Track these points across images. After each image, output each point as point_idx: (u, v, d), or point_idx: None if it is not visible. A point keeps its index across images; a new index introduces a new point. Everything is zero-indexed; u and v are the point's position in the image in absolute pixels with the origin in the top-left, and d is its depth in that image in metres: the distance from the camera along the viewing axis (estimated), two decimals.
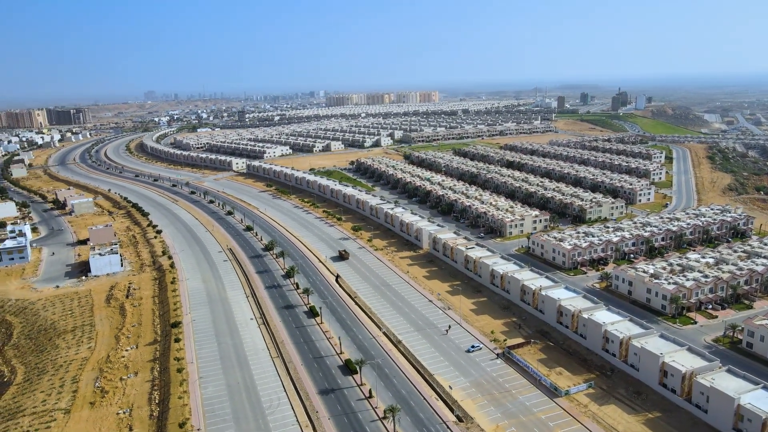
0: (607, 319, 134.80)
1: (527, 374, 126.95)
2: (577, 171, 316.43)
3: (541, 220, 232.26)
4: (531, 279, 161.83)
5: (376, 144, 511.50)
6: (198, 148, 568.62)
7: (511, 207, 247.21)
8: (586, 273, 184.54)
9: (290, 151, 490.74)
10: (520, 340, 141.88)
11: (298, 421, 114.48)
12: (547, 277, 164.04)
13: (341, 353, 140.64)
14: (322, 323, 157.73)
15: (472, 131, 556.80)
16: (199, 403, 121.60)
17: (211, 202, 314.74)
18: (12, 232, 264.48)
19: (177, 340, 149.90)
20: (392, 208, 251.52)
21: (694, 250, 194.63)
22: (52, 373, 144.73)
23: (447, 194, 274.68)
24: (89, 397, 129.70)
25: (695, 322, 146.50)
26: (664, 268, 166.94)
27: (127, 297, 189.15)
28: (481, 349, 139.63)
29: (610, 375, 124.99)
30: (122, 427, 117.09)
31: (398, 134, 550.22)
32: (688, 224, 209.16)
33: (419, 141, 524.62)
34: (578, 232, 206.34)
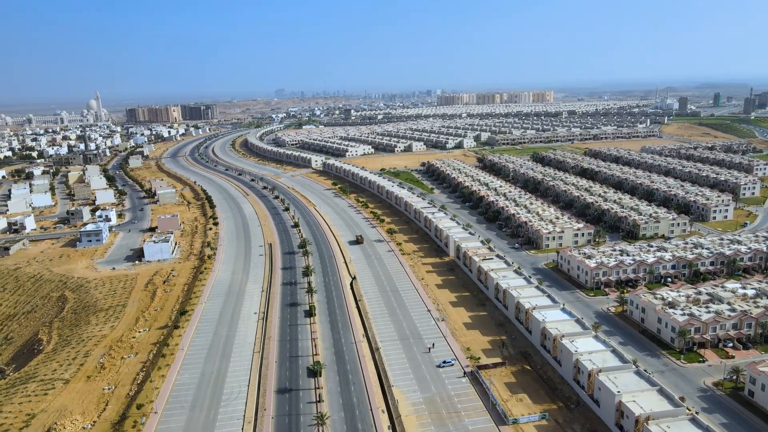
0: (588, 347, 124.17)
1: (486, 397, 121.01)
2: (651, 182, 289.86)
3: (583, 234, 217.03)
4: (529, 297, 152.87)
5: (459, 146, 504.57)
6: (292, 144, 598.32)
7: (557, 218, 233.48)
8: (608, 294, 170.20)
9: (372, 150, 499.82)
10: (498, 360, 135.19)
11: (244, 416, 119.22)
12: (549, 297, 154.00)
13: (316, 354, 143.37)
14: (314, 323, 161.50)
15: (564, 135, 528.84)
16: (169, 389, 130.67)
17: (276, 197, 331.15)
18: (100, 216, 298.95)
19: (176, 327, 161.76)
20: (433, 213, 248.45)
21: (747, 279, 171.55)
22: (73, 346, 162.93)
23: (497, 200, 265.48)
24: (90, 371, 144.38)
25: (703, 361, 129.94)
26: (688, 297, 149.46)
27: (164, 283, 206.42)
28: (453, 365, 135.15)
29: (573, 408, 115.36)
30: (101, 402, 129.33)
31: (484, 136, 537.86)
32: (749, 248, 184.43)
33: (504, 143, 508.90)
34: (614, 250, 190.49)
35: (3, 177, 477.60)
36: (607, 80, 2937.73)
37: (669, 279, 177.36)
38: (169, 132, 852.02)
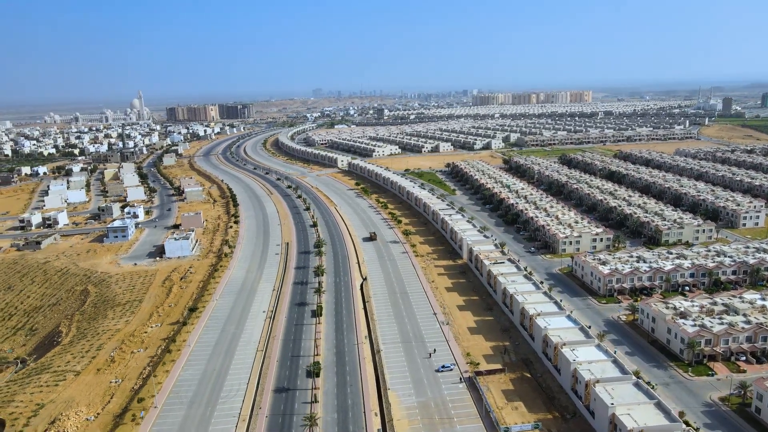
0: (588, 357, 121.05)
1: (480, 404, 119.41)
2: (680, 186, 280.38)
3: (602, 239, 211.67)
4: (534, 303, 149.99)
5: (486, 147, 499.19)
6: (322, 144, 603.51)
7: (576, 222, 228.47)
8: (620, 302, 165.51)
9: (399, 150, 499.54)
10: (498, 366, 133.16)
11: (239, 414, 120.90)
12: (556, 303, 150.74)
13: (317, 355, 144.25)
14: (319, 323, 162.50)
15: (596, 136, 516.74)
16: (171, 384, 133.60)
17: (299, 197, 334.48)
18: (128, 213, 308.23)
19: (184, 324, 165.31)
20: (450, 215, 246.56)
21: None
22: (88, 339, 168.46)
23: (516, 203, 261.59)
24: (100, 364, 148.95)
25: (712, 374, 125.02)
26: (702, 307, 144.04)
27: (181, 279, 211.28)
28: (452, 370, 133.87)
29: (569, 419, 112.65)
30: (106, 395, 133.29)
31: (514, 137, 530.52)
32: None
33: (533, 145, 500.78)
34: (631, 256, 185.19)
35: (44, 173, 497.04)
36: (653, 80, 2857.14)
37: (687, 288, 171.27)
38: (205, 131, 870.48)
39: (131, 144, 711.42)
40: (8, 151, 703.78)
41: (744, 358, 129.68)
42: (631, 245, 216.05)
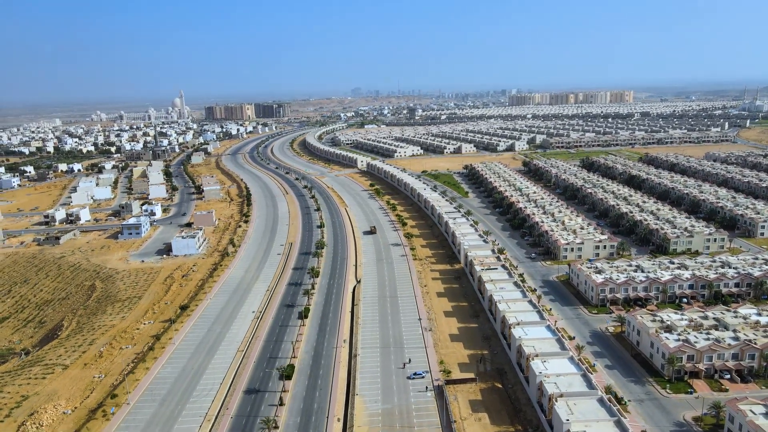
0: (557, 369, 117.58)
1: (445, 413, 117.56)
2: (700, 192, 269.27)
3: (605, 246, 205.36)
4: (517, 311, 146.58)
5: (510, 148, 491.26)
6: (347, 144, 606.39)
7: (582, 228, 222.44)
8: (612, 313, 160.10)
9: (421, 151, 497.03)
10: (470, 375, 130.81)
11: (206, 413, 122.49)
12: (539, 312, 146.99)
13: (293, 357, 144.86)
14: (303, 325, 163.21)
15: (625, 138, 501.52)
16: (148, 381, 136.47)
17: (312, 197, 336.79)
18: (145, 211, 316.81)
19: (172, 321, 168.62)
20: (454, 218, 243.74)
21: None
22: (83, 334, 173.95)
23: (525, 207, 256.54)
24: (88, 359, 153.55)
25: (691, 392, 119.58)
26: (690, 320, 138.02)
27: (183, 277, 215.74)
28: (423, 377, 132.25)
29: None
30: (87, 389, 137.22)
31: (539, 139, 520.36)
32: None
33: (558, 147, 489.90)
34: (629, 265, 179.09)
35: (79, 170, 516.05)
36: (705, 79, 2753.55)
37: (685, 300, 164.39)
38: (238, 130, 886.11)
39: (165, 142, 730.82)
40: (51, 148, 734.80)
41: (728, 376, 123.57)
42: (638, 253, 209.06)
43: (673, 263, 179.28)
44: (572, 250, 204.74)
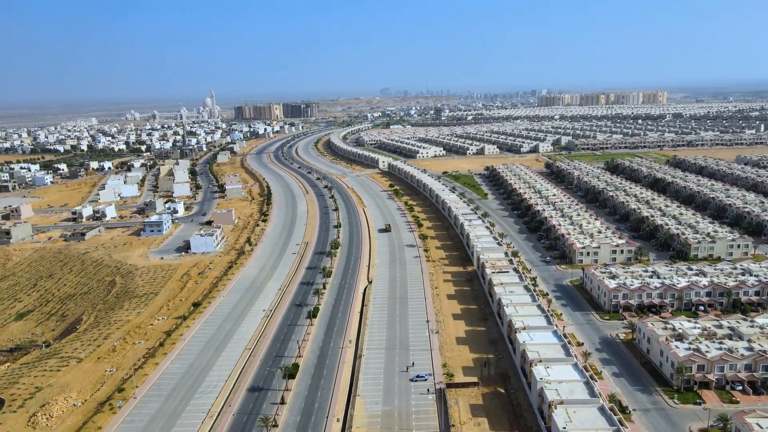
0: (560, 376, 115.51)
1: (444, 417, 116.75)
2: (727, 197, 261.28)
3: (623, 251, 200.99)
4: (524, 315, 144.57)
5: (534, 150, 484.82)
6: (371, 144, 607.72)
7: (599, 231, 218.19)
8: (624, 319, 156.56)
9: (444, 152, 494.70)
10: (473, 380, 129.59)
11: (209, 410, 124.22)
12: (546, 317, 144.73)
13: (299, 356, 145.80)
14: (311, 324, 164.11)
15: (654, 140, 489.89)
16: (156, 377, 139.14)
17: (332, 197, 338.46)
18: (168, 208, 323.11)
19: (184, 318, 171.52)
20: (470, 220, 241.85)
21: None
22: (99, 328, 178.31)
23: (542, 210, 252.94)
24: (102, 353, 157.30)
25: (699, 403, 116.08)
26: (704, 329, 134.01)
27: (199, 274, 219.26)
28: (426, 380, 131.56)
29: None
30: (99, 383, 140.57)
31: (564, 140, 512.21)
32: None
33: (583, 149, 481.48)
34: (645, 271, 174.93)
35: (109, 168, 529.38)
36: (745, 79, 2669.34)
37: (702, 308, 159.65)
38: (265, 129, 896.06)
39: (193, 141, 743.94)
40: (84, 146, 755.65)
41: (740, 387, 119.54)
42: (657, 259, 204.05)
43: (691, 269, 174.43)
44: (588, 254, 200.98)
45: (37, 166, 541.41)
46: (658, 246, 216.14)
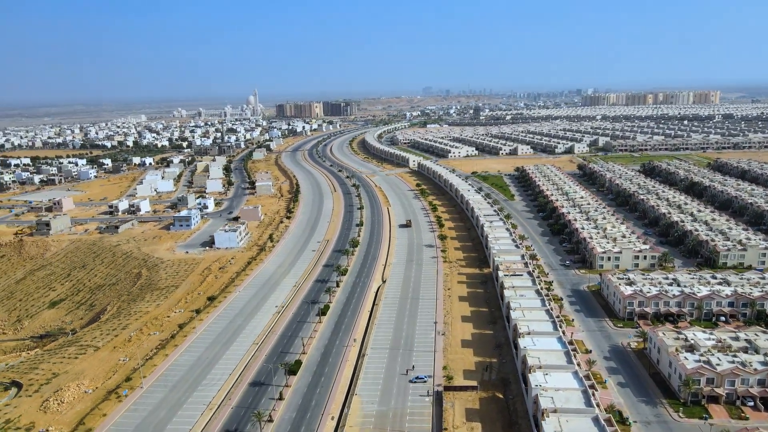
0: (558, 384, 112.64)
1: (438, 419, 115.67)
2: (767, 202, 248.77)
3: (645, 256, 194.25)
4: (530, 320, 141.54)
5: (569, 151, 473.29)
6: (404, 143, 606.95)
7: (623, 236, 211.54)
8: (638, 327, 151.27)
9: (476, 152, 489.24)
10: (473, 383, 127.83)
11: (210, 402, 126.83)
12: (553, 323, 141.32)
13: (303, 353, 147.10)
14: (320, 322, 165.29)
15: (697, 142, 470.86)
16: (164, 368, 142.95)
17: (358, 195, 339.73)
18: (198, 204, 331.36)
19: (197, 312, 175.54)
20: (491, 221, 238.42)
21: None
22: (119, 319, 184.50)
23: (567, 212, 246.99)
24: (118, 343, 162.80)
25: (706, 418, 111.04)
26: (719, 341, 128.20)
27: (219, 269, 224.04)
28: (425, 381, 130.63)
29: None
30: (111, 371, 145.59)
31: (602, 141, 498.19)
32: None
33: (621, 150, 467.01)
34: (665, 278, 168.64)
35: (150, 164, 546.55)
36: None
37: (723, 318, 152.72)
38: (303, 127, 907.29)
39: (233, 138, 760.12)
40: (130, 142, 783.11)
41: (752, 403, 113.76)
42: (684, 266, 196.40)
43: (715, 278, 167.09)
44: (609, 259, 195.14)
45: (84, 161, 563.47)
46: (686, 253, 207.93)
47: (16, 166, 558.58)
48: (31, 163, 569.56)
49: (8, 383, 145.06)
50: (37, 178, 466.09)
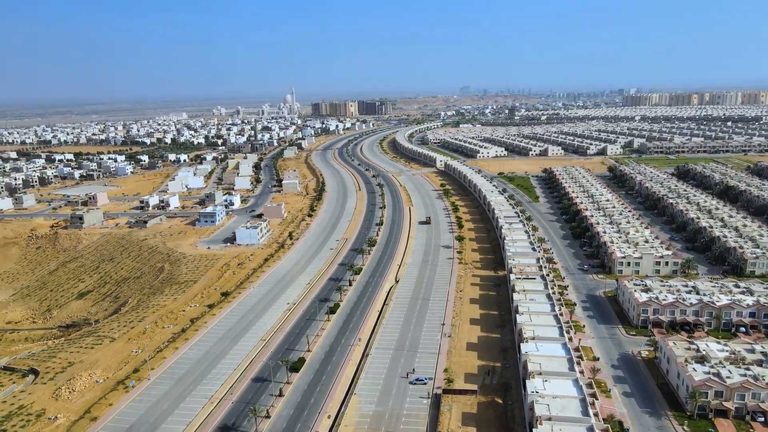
0: (556, 391, 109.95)
1: (434, 423, 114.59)
2: None
3: (667, 262, 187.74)
4: (536, 325, 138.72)
5: (601, 152, 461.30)
6: (434, 143, 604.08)
7: (646, 241, 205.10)
8: (652, 336, 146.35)
9: (505, 152, 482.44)
10: (473, 387, 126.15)
11: (212, 396, 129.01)
12: (560, 328, 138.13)
13: (307, 351, 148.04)
14: (328, 320, 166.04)
15: (738, 144, 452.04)
16: (173, 361, 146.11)
17: (382, 195, 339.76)
18: (225, 200, 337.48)
19: (210, 307, 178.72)
20: (511, 223, 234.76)
21: None
22: (138, 311, 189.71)
23: (589, 216, 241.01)
24: (133, 335, 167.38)
25: None
26: (734, 353, 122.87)
27: (238, 265, 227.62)
28: (425, 384, 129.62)
29: None
30: (123, 362, 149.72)
31: (637, 142, 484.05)
32: None
33: (656, 152, 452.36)
34: (685, 285, 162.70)
35: (183, 161, 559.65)
36: None
37: (743, 329, 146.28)
38: (336, 126, 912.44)
39: (266, 137, 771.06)
40: (168, 140, 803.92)
41: (762, 419, 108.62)
42: (709, 273, 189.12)
43: (738, 287, 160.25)
44: (629, 264, 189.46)
45: (123, 157, 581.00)
46: (713, 260, 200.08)
47: (60, 161, 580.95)
48: (73, 159, 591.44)
49: (26, 370, 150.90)
50: (77, 173, 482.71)
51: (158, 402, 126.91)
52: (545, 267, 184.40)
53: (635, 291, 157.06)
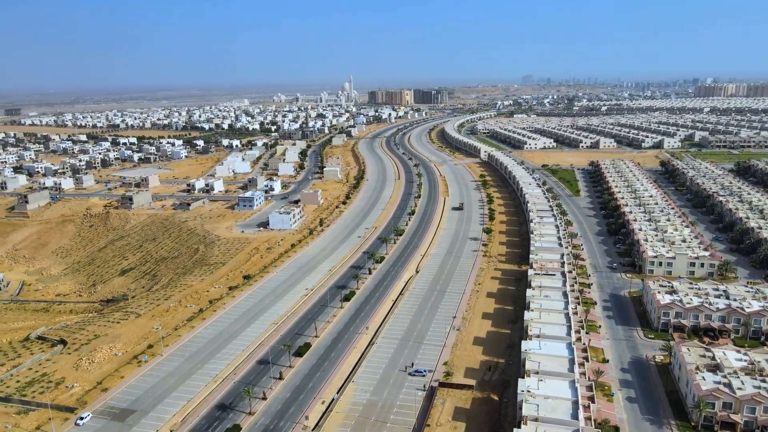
0: (550, 392, 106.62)
1: (424, 415, 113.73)
2: None
3: (703, 264, 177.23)
4: (544, 323, 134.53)
5: (658, 145, 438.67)
6: (483, 133, 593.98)
7: (684, 240, 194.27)
8: (672, 340, 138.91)
9: (554, 144, 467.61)
10: (470, 382, 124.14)
11: (217, 375, 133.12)
12: (568, 327, 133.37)
13: (315, 336, 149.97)
14: (341, 308, 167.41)
15: None
16: (187, 339, 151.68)
17: (420, 184, 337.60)
18: (266, 186, 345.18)
19: (231, 288, 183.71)
20: (542, 216, 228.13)
21: None
22: (167, 289, 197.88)
23: (627, 212, 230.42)
24: (157, 312, 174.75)
25: None
26: (752, 363, 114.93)
27: (267, 249, 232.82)
28: (424, 376, 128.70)
29: None
30: (143, 337, 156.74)
31: (699, 136, 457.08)
32: None
33: (718, 146, 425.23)
34: (715, 289, 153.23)
35: (236, 146, 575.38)
36: None
37: None
38: (389, 114, 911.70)
39: (318, 124, 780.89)
40: (226, 125, 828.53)
41: None
42: (750, 277, 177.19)
43: None
44: (660, 264, 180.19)
45: (180, 141, 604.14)
46: (758, 263, 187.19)
47: (123, 144, 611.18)
48: (135, 143, 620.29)
49: (57, 340, 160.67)
50: (136, 156, 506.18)
51: (166, 377, 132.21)
52: (569, 263, 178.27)
53: (658, 292, 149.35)
